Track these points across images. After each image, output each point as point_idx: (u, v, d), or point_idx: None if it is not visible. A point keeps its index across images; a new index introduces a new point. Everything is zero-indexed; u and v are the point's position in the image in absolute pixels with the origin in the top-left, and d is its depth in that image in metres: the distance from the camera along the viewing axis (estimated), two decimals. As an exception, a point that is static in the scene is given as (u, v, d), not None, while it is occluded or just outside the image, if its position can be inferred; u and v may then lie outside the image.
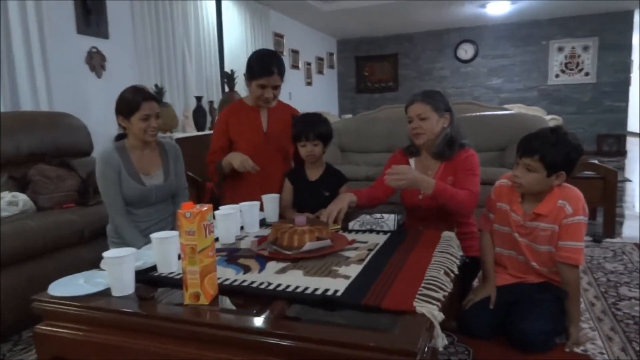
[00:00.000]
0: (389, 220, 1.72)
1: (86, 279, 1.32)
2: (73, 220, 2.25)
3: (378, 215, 1.76)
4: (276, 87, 2.10)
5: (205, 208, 1.13)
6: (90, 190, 2.70)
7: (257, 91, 2.09)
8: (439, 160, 1.92)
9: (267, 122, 2.24)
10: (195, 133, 4.01)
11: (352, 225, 1.77)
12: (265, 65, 2.05)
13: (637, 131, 10.93)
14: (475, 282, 2.08)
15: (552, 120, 6.97)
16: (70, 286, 1.26)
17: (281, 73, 2.09)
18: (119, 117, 1.97)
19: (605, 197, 3.09)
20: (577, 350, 1.68)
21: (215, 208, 2.40)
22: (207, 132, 4.19)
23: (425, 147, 1.96)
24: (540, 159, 1.63)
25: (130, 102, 1.92)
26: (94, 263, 2.26)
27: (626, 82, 7.81)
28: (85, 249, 2.28)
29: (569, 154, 1.64)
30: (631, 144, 8.53)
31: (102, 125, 3.57)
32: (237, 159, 2.06)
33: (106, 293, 1.22)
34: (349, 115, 8.54)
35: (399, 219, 1.75)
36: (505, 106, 7.59)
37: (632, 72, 7.96)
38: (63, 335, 1.18)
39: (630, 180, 5.25)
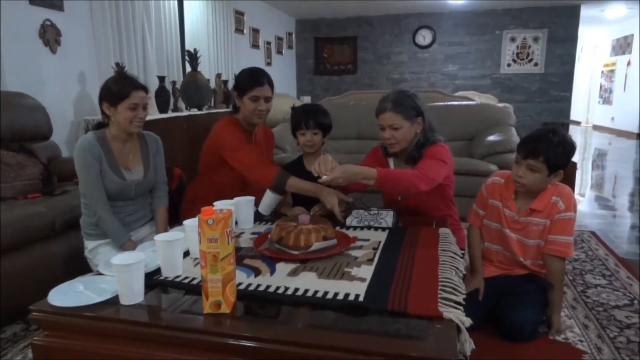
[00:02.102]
0: (388, 217, 1.73)
1: (86, 284, 1.23)
2: (42, 211, 2.09)
3: (375, 211, 1.77)
4: (268, 100, 2.06)
5: (228, 213, 1.08)
6: (54, 178, 2.53)
7: (250, 105, 2.03)
8: (411, 164, 1.94)
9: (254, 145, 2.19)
10: (159, 115, 3.81)
11: (349, 221, 1.77)
12: (255, 77, 2.04)
13: (577, 120, 11.65)
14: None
15: (503, 108, 7.27)
16: (71, 294, 1.18)
17: (271, 84, 2.07)
18: (103, 104, 1.85)
19: (565, 187, 3.27)
20: (559, 338, 1.79)
21: (182, 193, 2.32)
22: (170, 114, 4.01)
23: (398, 153, 1.98)
24: (545, 161, 1.69)
25: (119, 89, 1.81)
26: (67, 257, 2.16)
27: (570, 73, 8.25)
28: (56, 242, 2.14)
29: (569, 153, 1.72)
30: (572, 132, 9.07)
31: (59, 106, 3.34)
32: (329, 201, 1.79)
33: (114, 301, 1.15)
34: (307, 97, 8.48)
35: (395, 214, 1.77)
36: (461, 93, 7.83)
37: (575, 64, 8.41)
38: (68, 348, 1.11)
39: (576, 168, 5.58)
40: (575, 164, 3.35)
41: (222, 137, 2.06)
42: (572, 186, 3.36)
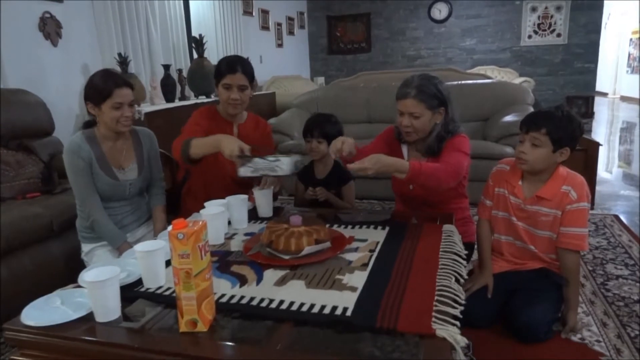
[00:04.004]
0: (284, 164, 1.61)
1: (64, 298, 1.18)
2: (39, 212, 2.06)
3: (272, 158, 1.64)
4: (243, 89, 1.98)
5: (200, 226, 1.00)
6: (55, 176, 2.50)
7: (223, 94, 1.98)
8: (430, 155, 1.84)
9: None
10: (165, 105, 3.75)
11: (243, 172, 1.64)
12: (229, 63, 1.98)
13: (604, 91, 11.17)
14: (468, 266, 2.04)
15: (524, 82, 6.98)
16: (46, 310, 1.12)
17: (246, 73, 1.98)
18: (88, 104, 1.78)
19: (587, 169, 3.10)
20: (574, 338, 1.68)
21: (183, 187, 2.26)
22: (177, 103, 3.95)
23: (414, 143, 1.88)
24: (547, 133, 1.61)
25: (102, 88, 1.73)
26: (65, 258, 2.14)
27: (596, 44, 7.86)
28: (55, 243, 2.11)
29: (574, 130, 1.63)
30: (597, 104, 8.67)
31: (62, 100, 3.30)
32: (227, 146, 1.66)
33: (88, 318, 1.09)
34: (321, 78, 8.31)
35: (298, 161, 1.66)
36: (479, 68, 7.55)
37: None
38: (43, 367, 1.06)
39: (600, 145, 5.33)
40: (597, 144, 3.17)
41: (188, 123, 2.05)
42: (595, 166, 3.18)
